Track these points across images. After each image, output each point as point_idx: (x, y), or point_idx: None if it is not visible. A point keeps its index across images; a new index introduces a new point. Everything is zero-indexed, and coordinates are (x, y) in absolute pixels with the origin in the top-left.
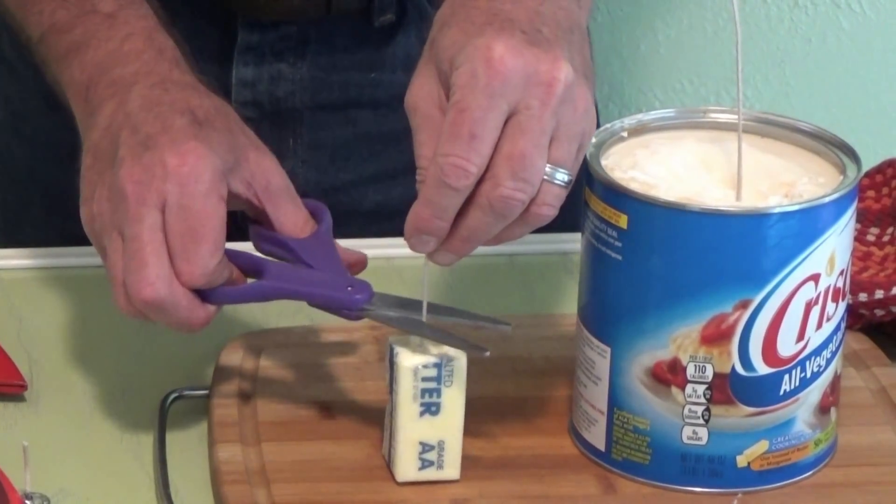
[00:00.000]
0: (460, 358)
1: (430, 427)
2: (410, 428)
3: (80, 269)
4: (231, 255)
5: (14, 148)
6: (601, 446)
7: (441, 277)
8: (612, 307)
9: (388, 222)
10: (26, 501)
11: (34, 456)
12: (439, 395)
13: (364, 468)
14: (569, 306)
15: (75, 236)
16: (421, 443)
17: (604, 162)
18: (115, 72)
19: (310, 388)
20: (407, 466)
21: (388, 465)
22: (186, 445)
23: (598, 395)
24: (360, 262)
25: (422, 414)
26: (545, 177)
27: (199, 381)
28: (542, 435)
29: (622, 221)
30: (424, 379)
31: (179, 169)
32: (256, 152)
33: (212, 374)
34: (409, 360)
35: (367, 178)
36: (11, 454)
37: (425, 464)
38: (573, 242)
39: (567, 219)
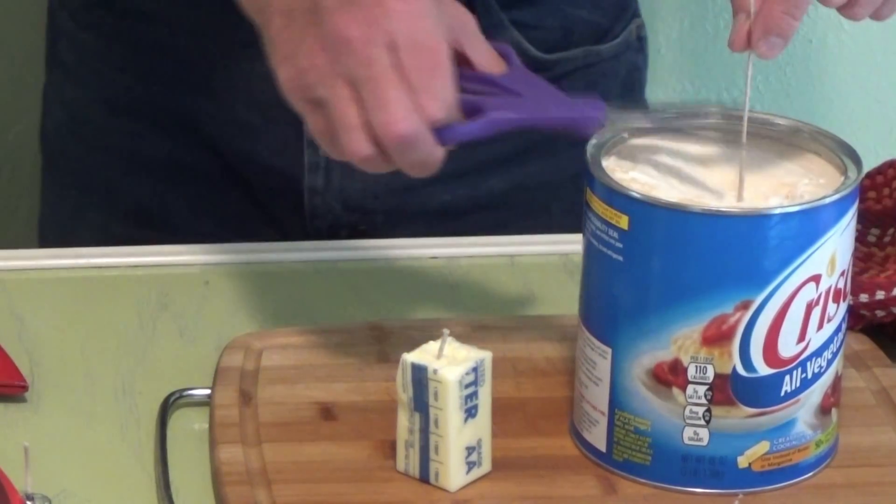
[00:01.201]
0: (487, 355)
1: (472, 430)
2: (458, 437)
3: (81, 270)
4: None
5: (71, 151)
6: (602, 447)
7: (442, 278)
8: (613, 308)
9: (456, 221)
10: (27, 502)
11: (35, 457)
12: (477, 397)
13: (365, 469)
14: (570, 307)
15: (131, 239)
16: (467, 448)
17: (605, 163)
18: None
19: (311, 388)
20: (458, 475)
21: (427, 480)
22: (187, 446)
23: (598, 396)
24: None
25: (466, 420)
26: None
27: (200, 381)
28: (543, 435)
29: (623, 222)
30: (467, 386)
31: (403, 7)
32: None
33: (213, 375)
34: (453, 373)
35: (434, 178)
36: (12, 455)
37: (471, 466)
38: (574, 243)
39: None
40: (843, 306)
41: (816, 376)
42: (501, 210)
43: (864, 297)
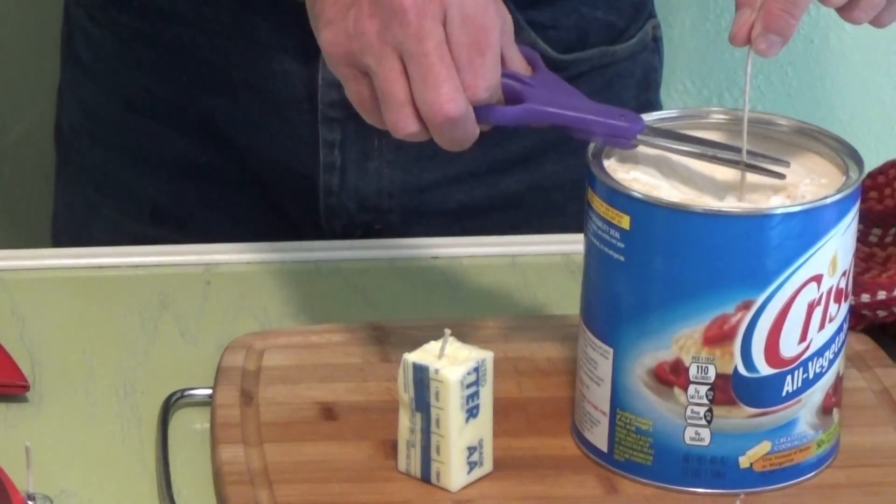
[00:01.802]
0: (489, 355)
1: (473, 430)
2: (459, 437)
3: (83, 270)
4: None
5: (87, 150)
6: (603, 447)
7: (443, 278)
8: (614, 308)
9: (472, 221)
10: (29, 502)
11: (37, 457)
12: (478, 397)
13: (366, 468)
14: (571, 307)
15: (146, 237)
16: (468, 447)
17: (606, 163)
18: None
19: (312, 388)
20: (459, 475)
21: (429, 480)
22: (189, 446)
23: (600, 396)
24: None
25: (467, 420)
26: None
27: (202, 381)
28: (545, 436)
29: (625, 222)
30: (468, 386)
31: None
32: None
33: (214, 375)
34: (455, 373)
35: (450, 178)
36: (14, 455)
37: (472, 466)
38: (575, 243)
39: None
40: (845, 306)
41: (818, 376)
42: (518, 210)
43: (865, 297)
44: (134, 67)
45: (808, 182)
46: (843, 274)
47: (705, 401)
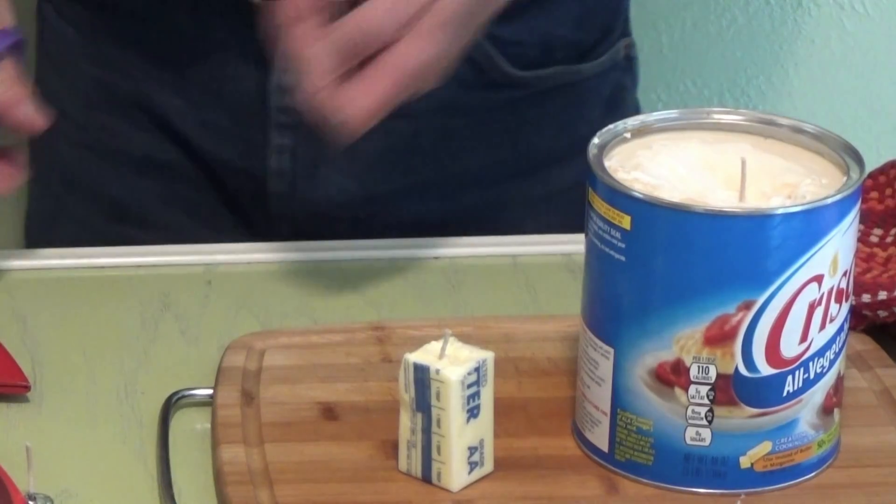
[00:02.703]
0: (490, 355)
1: (474, 430)
2: (460, 437)
3: (84, 270)
4: None
5: (54, 146)
6: (604, 447)
7: (444, 278)
8: (615, 308)
9: (426, 233)
10: (29, 502)
11: (37, 457)
12: (479, 397)
13: (367, 469)
14: (572, 307)
15: (109, 234)
16: (469, 448)
17: (607, 163)
18: None
19: (313, 388)
20: (460, 475)
21: (429, 480)
22: (189, 446)
23: (601, 396)
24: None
25: (468, 420)
26: None
27: (203, 381)
28: (545, 436)
29: (625, 222)
30: (469, 386)
31: None
32: None
33: (215, 375)
34: (455, 373)
35: (404, 190)
36: (15, 455)
37: (473, 466)
38: (576, 244)
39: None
40: (846, 306)
41: (819, 376)
42: (475, 227)
43: (866, 298)
44: (93, 63)
45: (808, 182)
46: (844, 274)
47: (706, 401)
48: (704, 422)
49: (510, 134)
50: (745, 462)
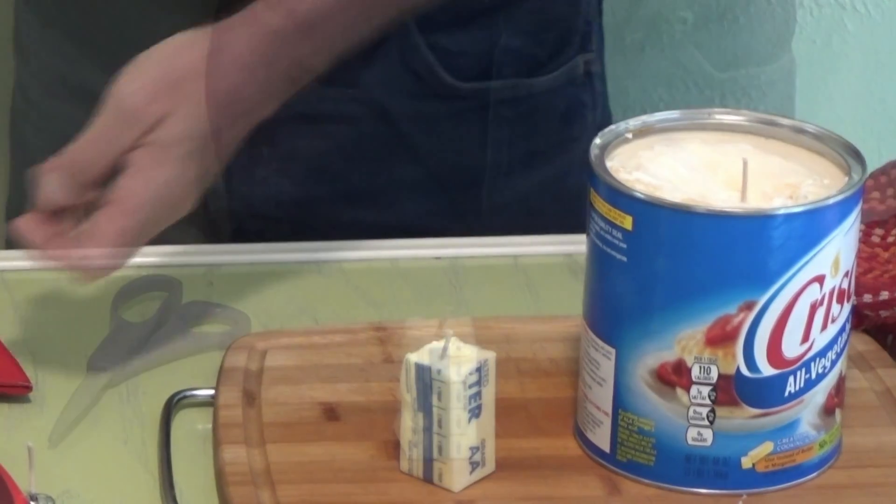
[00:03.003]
0: (491, 355)
1: (476, 430)
2: (462, 436)
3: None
4: None
5: (29, 135)
6: (606, 447)
7: (446, 278)
8: (616, 308)
9: (366, 238)
10: (31, 502)
11: (39, 457)
12: (481, 398)
13: (369, 469)
14: (573, 308)
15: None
16: (470, 448)
17: (608, 163)
18: None
19: (314, 389)
20: (462, 475)
21: (431, 480)
22: (191, 446)
23: (602, 397)
24: None
25: (469, 420)
26: None
27: (204, 382)
28: (547, 436)
29: (627, 223)
30: (470, 386)
31: None
32: None
33: (216, 376)
34: (457, 374)
35: (340, 195)
36: (16, 455)
37: (474, 467)
38: (578, 244)
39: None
40: (847, 307)
41: (820, 377)
42: (412, 234)
43: (867, 298)
44: (55, 52)
45: (810, 182)
46: (846, 274)
47: (707, 401)
48: (706, 422)
49: (455, 145)
50: (746, 462)
